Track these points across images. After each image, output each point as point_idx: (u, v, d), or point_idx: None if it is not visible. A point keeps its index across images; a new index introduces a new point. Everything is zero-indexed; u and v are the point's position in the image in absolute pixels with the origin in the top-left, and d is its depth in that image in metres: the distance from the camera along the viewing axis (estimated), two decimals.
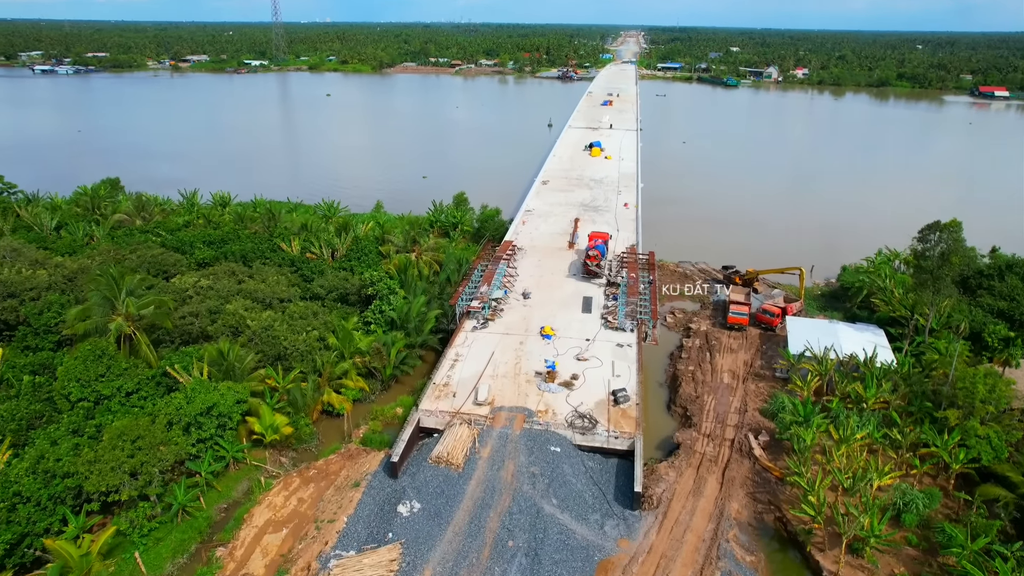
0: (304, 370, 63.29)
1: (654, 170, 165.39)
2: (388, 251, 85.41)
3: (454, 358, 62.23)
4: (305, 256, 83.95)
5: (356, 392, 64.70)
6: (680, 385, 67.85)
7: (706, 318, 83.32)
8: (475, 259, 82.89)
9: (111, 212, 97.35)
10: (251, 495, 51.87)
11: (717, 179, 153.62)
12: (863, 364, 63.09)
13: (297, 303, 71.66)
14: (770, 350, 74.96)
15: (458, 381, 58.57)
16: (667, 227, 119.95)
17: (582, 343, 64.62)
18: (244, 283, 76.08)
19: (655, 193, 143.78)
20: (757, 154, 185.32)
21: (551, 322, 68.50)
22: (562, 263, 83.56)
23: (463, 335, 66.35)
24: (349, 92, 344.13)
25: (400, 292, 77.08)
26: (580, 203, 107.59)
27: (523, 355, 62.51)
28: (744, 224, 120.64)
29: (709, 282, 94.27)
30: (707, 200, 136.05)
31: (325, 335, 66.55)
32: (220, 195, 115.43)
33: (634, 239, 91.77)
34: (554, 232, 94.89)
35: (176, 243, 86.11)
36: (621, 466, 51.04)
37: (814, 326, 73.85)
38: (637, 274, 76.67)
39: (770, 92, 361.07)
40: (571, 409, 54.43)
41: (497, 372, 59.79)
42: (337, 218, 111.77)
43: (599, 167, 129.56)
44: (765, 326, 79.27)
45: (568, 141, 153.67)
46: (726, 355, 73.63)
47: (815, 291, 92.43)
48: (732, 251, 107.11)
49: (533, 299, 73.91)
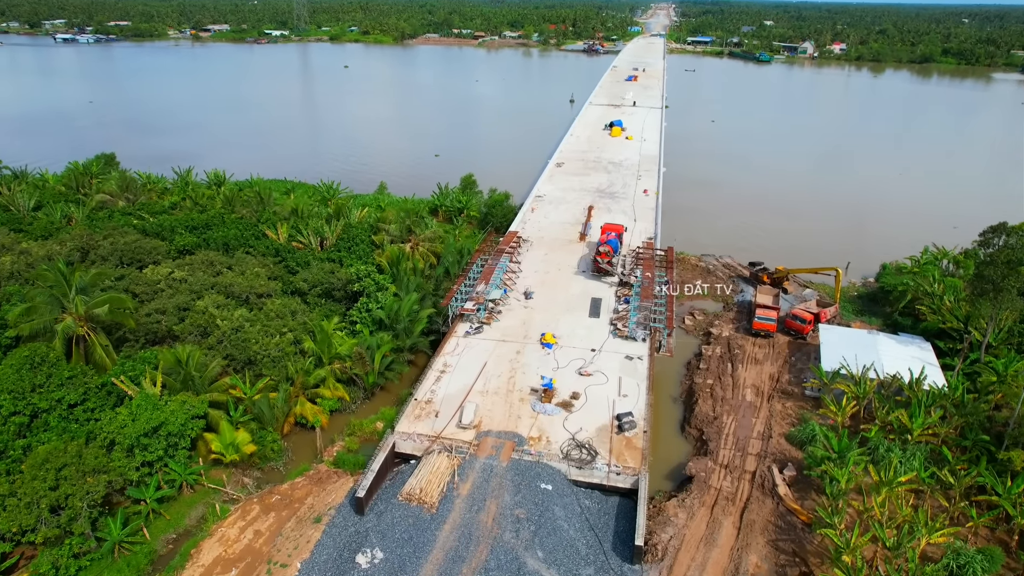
0: (276, 378, 57.18)
1: (680, 151, 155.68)
2: (382, 241, 78.61)
3: (441, 369, 55.53)
4: (292, 245, 77.52)
5: (334, 402, 58.43)
6: (696, 402, 60.46)
7: (729, 321, 75.41)
8: (475, 251, 75.71)
9: (95, 191, 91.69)
10: (204, 524, 46.11)
11: (747, 162, 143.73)
12: (908, 386, 55.04)
13: (275, 299, 65.40)
14: (800, 362, 67.02)
15: (443, 398, 51.90)
16: (691, 214, 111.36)
17: (586, 354, 57.45)
18: (222, 275, 70.01)
19: (679, 176, 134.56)
20: (790, 135, 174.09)
21: (553, 328, 61.36)
22: (571, 258, 76.02)
23: (454, 341, 59.56)
24: (368, 64, 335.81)
25: (391, 288, 70.42)
26: (596, 189, 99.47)
27: (519, 367, 55.56)
28: (774, 211, 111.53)
29: (734, 279, 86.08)
30: (735, 184, 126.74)
31: (302, 337, 60.27)
32: (215, 174, 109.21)
33: (653, 231, 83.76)
34: (565, 221, 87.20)
35: (156, 228, 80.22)
36: (623, 506, 44.16)
37: (851, 337, 65.63)
38: (653, 273, 68.91)
39: (805, 68, 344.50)
40: (568, 437, 47.49)
41: (488, 388, 52.98)
42: (336, 200, 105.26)
43: (619, 148, 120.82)
44: (795, 333, 71.22)
45: (587, 120, 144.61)
46: (750, 367, 65.90)
47: (851, 291, 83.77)
48: (761, 242, 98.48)
49: (536, 300, 66.71)
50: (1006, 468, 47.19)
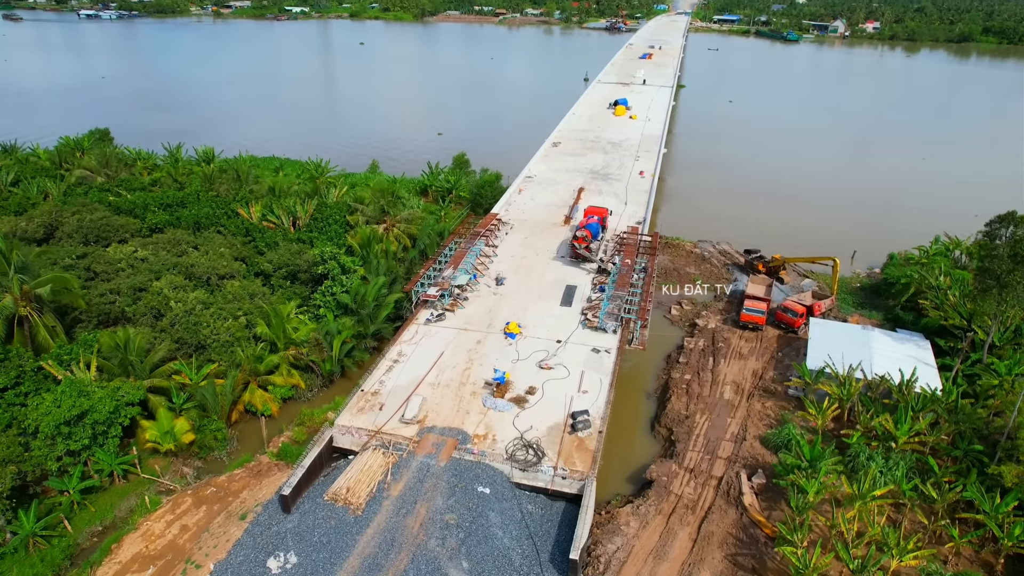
0: (226, 363, 54.73)
1: (692, 131, 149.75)
2: (357, 221, 75.57)
3: (395, 358, 52.53)
4: (263, 225, 74.90)
5: (286, 390, 55.95)
6: (670, 399, 56.77)
7: (717, 312, 71.20)
8: (450, 234, 72.30)
9: (76, 167, 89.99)
10: (132, 517, 43.99)
11: (761, 144, 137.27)
12: (897, 388, 50.62)
13: (234, 282, 62.91)
14: (788, 357, 62.76)
15: (391, 389, 48.94)
16: (694, 197, 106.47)
17: (551, 346, 53.95)
18: (186, 255, 67.76)
19: (687, 157, 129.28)
20: (811, 118, 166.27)
21: (521, 316, 57.90)
22: (552, 242, 72.23)
23: (413, 328, 56.47)
24: (384, 41, 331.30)
25: (359, 271, 67.52)
26: (590, 170, 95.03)
27: (477, 358, 52.32)
28: (784, 196, 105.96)
29: (729, 267, 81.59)
30: (746, 167, 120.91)
31: (256, 321, 57.70)
32: (204, 150, 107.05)
33: (643, 214, 79.40)
34: (552, 204, 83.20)
35: (129, 205, 78.23)
36: (569, 513, 40.90)
37: (842, 332, 61.12)
38: (633, 261, 64.84)
39: (834, 48, 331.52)
40: (517, 435, 44.27)
41: (440, 380, 49.88)
42: (324, 178, 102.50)
43: (620, 128, 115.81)
44: (785, 327, 66.86)
45: (592, 98, 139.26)
46: (733, 362, 61.85)
47: (854, 282, 78.76)
48: (765, 228, 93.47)
49: (507, 286, 63.22)
50: (997, 483, 42.90)
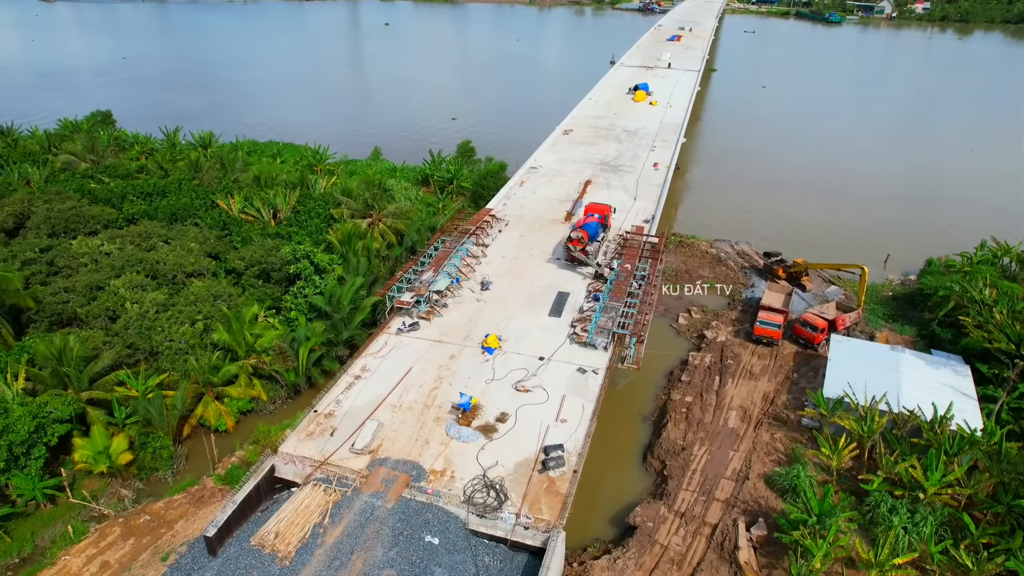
0: (181, 372, 50.25)
1: (720, 118, 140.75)
2: (341, 215, 70.44)
3: (357, 373, 47.33)
4: (241, 217, 70.26)
5: (245, 403, 51.39)
6: (667, 425, 50.63)
7: (729, 323, 64.48)
8: (437, 231, 66.66)
9: (62, 152, 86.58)
10: (52, 549, 39.85)
11: (794, 134, 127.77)
12: (928, 426, 43.68)
13: (199, 281, 58.40)
14: (805, 378, 55.97)
15: (347, 411, 43.79)
16: (718, 190, 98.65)
17: (532, 363, 48.15)
18: (156, 249, 63.52)
19: (714, 146, 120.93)
20: (850, 105, 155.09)
21: (504, 327, 52.13)
22: (549, 241, 66.10)
23: (383, 339, 51.14)
24: (411, 22, 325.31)
25: (337, 270, 62.52)
26: (600, 160, 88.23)
27: (447, 376, 46.84)
28: (814, 191, 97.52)
29: (746, 271, 74.51)
30: (776, 159, 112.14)
31: (215, 326, 53.07)
32: (202, 135, 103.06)
33: (652, 211, 72.66)
34: (555, 198, 76.87)
35: (107, 194, 74.36)
36: (533, 568, 35.33)
37: (867, 353, 53.99)
38: (634, 265, 58.40)
39: (880, 30, 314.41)
40: (480, 472, 38.77)
41: (403, 401, 44.57)
42: (322, 165, 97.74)
43: (639, 115, 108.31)
44: (804, 342, 59.94)
45: (612, 82, 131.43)
46: (742, 382, 55.30)
47: (885, 290, 71.09)
48: (792, 226, 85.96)
49: (493, 292, 57.45)
50: None
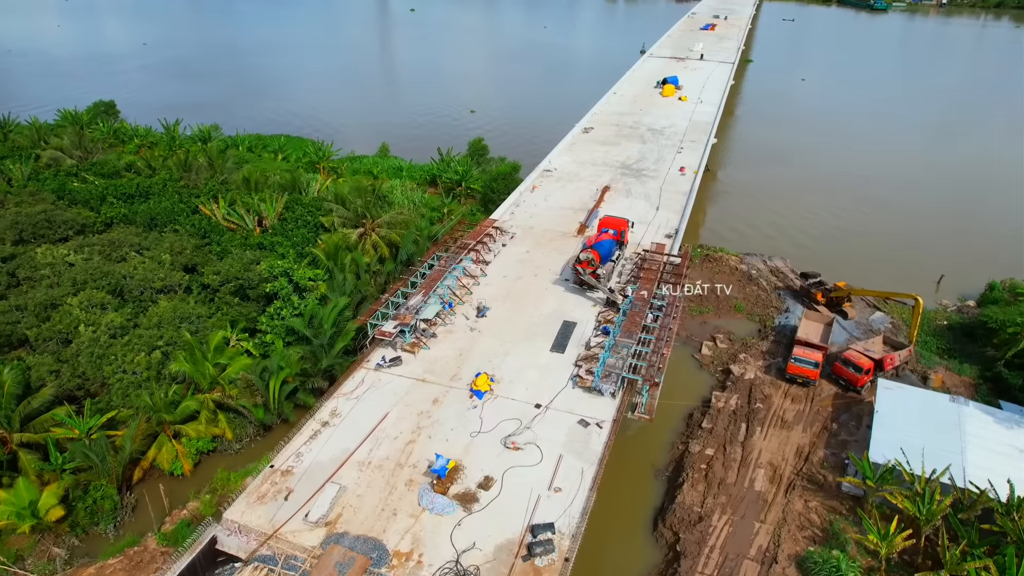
0: (131, 408, 44.82)
1: (756, 114, 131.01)
2: (332, 223, 64.39)
3: (325, 419, 41.28)
4: (225, 224, 64.62)
5: (205, 443, 45.83)
6: (682, 485, 43.76)
7: (759, 355, 57.11)
8: (432, 245, 60.21)
9: (50, 146, 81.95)
10: None
11: (836, 133, 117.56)
12: (1003, 509, 36.16)
13: (165, 300, 52.88)
14: (845, 429, 48.53)
15: (308, 468, 37.78)
16: (751, 196, 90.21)
17: (528, 411, 41.61)
18: (127, 260, 58.24)
19: (747, 145, 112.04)
20: (898, 102, 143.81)
21: (498, 365, 45.60)
22: (558, 259, 59.22)
23: (359, 375, 44.98)
24: (438, 7, 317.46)
25: (320, 287, 56.58)
26: (621, 163, 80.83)
27: (428, 426, 40.55)
28: (859, 198, 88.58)
29: (780, 293, 66.85)
30: (815, 160, 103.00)
31: (176, 355, 47.48)
32: (201, 129, 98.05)
33: (676, 224, 65.31)
34: (568, 207, 69.84)
35: (86, 195, 69.43)
36: None
37: (922, 405, 46.27)
38: (652, 291, 51.29)
39: (928, 18, 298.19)
40: (453, 557, 32.48)
41: (373, 457, 38.42)
42: (325, 163, 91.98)
43: (666, 112, 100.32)
44: (845, 383, 52.39)
45: (639, 75, 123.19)
46: (772, 432, 48.10)
47: (938, 318, 62.91)
48: (833, 239, 78.02)
49: (490, 319, 50.90)
50: None
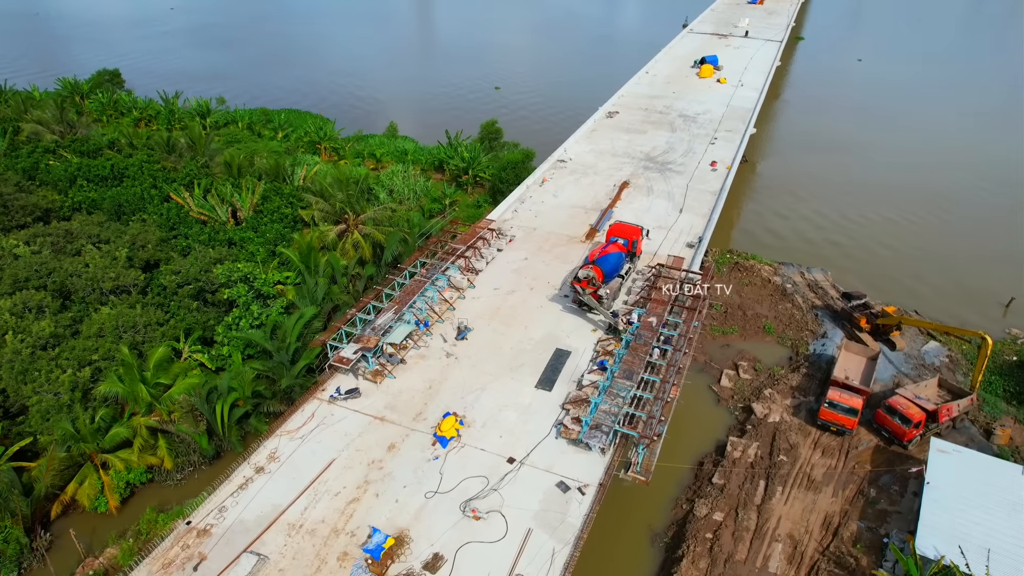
0: (51, 436, 39.50)
1: (804, 98, 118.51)
2: (312, 218, 57.97)
3: (261, 463, 35.20)
4: (197, 215, 58.78)
5: (137, 474, 40.43)
6: (682, 559, 36.64)
7: (788, 392, 49.15)
8: (416, 250, 53.26)
9: (30, 119, 77.17)
10: None
11: (896, 122, 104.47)
12: None
13: (107, 307, 47.34)
14: (886, 495, 40.58)
15: (230, 527, 31.83)
16: (793, 193, 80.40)
17: (499, 466, 34.86)
18: (83, 254, 52.92)
19: (793, 134, 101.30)
20: (972, 89, 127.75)
21: (472, 403, 38.78)
22: (560, 269, 51.77)
23: (310, 408, 38.70)
24: None
25: (288, 293, 50.46)
26: (646, 154, 72.33)
27: (377, 480, 34.15)
28: (918, 200, 77.61)
29: (818, 313, 58.34)
30: (871, 154, 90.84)
31: (109, 371, 42.00)
32: (201, 102, 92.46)
33: (701, 230, 57.11)
34: (579, 205, 62.04)
35: (56, 176, 64.38)
36: None
37: (987, 477, 37.96)
38: (662, 318, 43.60)
39: None
40: None
41: (307, 518, 32.26)
42: (327, 143, 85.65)
43: (702, 95, 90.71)
44: (889, 434, 44.26)
45: (676, 52, 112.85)
46: (795, 493, 40.49)
47: (1007, 351, 53.70)
48: (885, 249, 68.57)
49: (471, 343, 43.99)
50: None
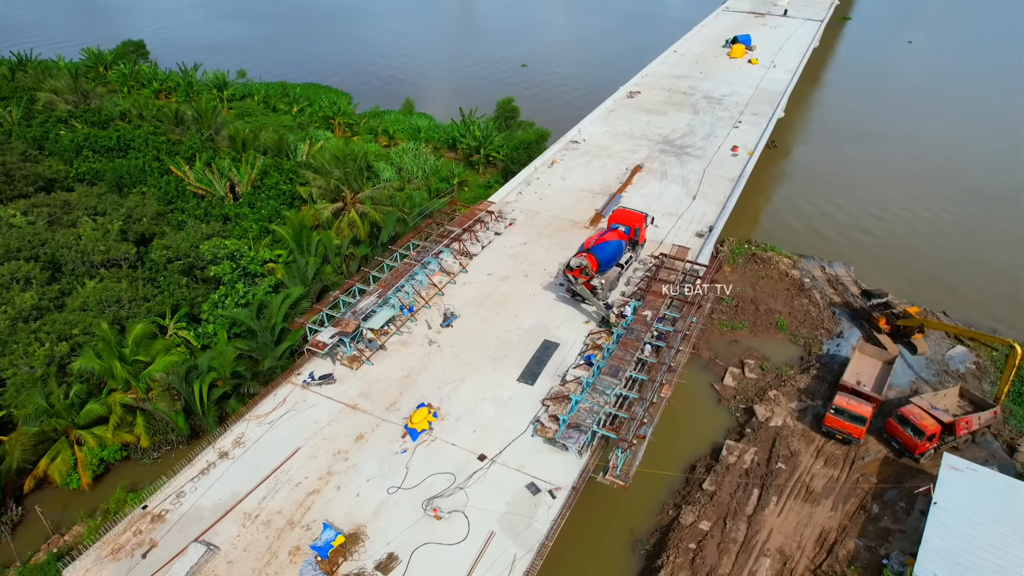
0: (31, 409, 39.13)
1: (848, 82, 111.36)
2: (310, 195, 56.58)
3: (226, 448, 34.14)
4: (196, 189, 57.96)
5: (112, 451, 39.94)
6: (660, 570, 34.55)
7: (794, 394, 46.28)
8: (409, 231, 51.45)
9: (46, 88, 77.37)
10: None
11: (946, 112, 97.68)
12: None
13: (97, 280, 46.82)
14: (889, 512, 37.76)
15: (185, 514, 30.88)
16: (827, 182, 75.69)
17: (467, 463, 33.17)
18: (78, 225, 52.59)
19: (833, 120, 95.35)
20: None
21: (449, 395, 37.11)
22: (559, 255, 49.41)
23: (283, 392, 37.47)
24: None
25: (278, 271, 49.39)
26: (664, 137, 69.02)
27: (341, 472, 32.81)
28: (963, 198, 72.88)
29: (836, 311, 54.93)
30: (914, 144, 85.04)
31: (88, 347, 41.44)
32: (218, 74, 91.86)
33: (714, 218, 54.05)
34: (587, 188, 59.38)
35: (63, 146, 64.33)
36: None
37: (1007, 498, 34.82)
38: (658, 311, 41.08)
39: None
40: None
41: (264, 508, 31.11)
42: (340, 119, 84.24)
43: (730, 76, 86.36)
44: (899, 445, 41.22)
45: (708, 31, 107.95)
46: (792, 506, 37.93)
47: None
48: (917, 247, 64.40)
49: (456, 330, 42.21)
50: None
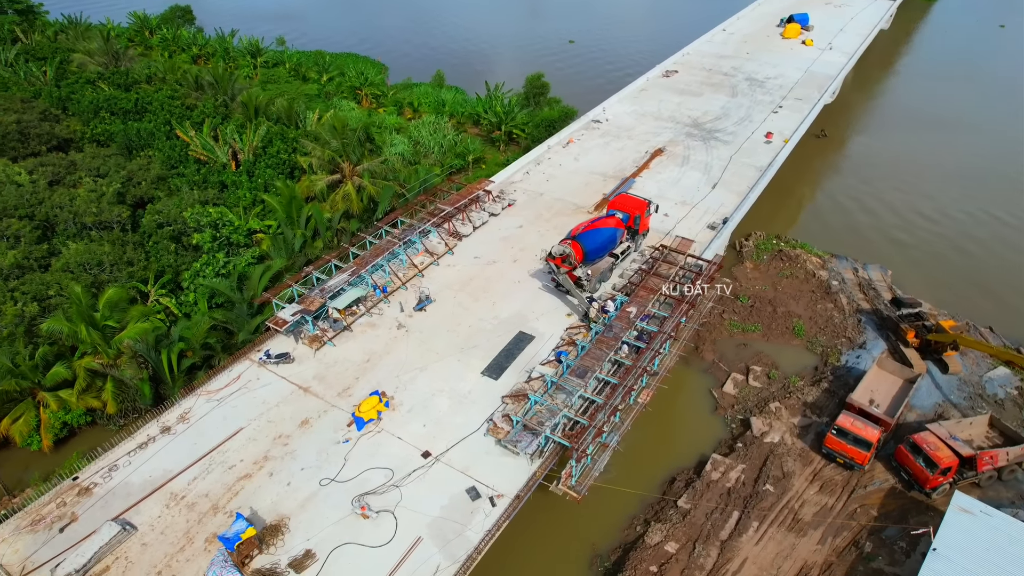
0: None
1: (925, 70, 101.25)
2: (310, 164, 54.98)
3: (170, 423, 33.00)
4: (199, 154, 57.29)
5: (76, 415, 39.63)
6: None
7: (798, 408, 42.03)
8: (393, 210, 49.09)
9: (80, 51, 78.51)
10: None
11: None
12: None
13: (86, 242, 46.59)
14: (887, 552, 33.57)
15: (112, 489, 29.86)
16: (883, 176, 68.68)
17: (409, 460, 30.95)
18: (79, 185, 52.67)
19: (902, 110, 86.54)
20: None
21: (406, 384, 34.84)
22: (555, 240, 45.74)
23: (238, 369, 36.03)
24: None
25: (264, 243, 48.16)
26: (694, 120, 64.13)
27: (277, 458, 31.14)
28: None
29: (863, 319, 49.83)
30: (984, 139, 76.86)
31: (59, 310, 41.16)
32: (252, 41, 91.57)
33: (731, 209, 49.58)
34: (599, 171, 55.54)
35: (84, 106, 64.89)
36: None
37: (1015, 545, 30.19)
38: (644, 307, 37.52)
39: None
40: None
41: (191, 490, 29.77)
42: (368, 89, 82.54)
43: (779, 58, 79.70)
44: (909, 476, 36.68)
45: (764, 10, 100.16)
46: (773, 534, 34.17)
47: None
48: (969, 251, 57.95)
49: (428, 315, 39.81)
50: None
